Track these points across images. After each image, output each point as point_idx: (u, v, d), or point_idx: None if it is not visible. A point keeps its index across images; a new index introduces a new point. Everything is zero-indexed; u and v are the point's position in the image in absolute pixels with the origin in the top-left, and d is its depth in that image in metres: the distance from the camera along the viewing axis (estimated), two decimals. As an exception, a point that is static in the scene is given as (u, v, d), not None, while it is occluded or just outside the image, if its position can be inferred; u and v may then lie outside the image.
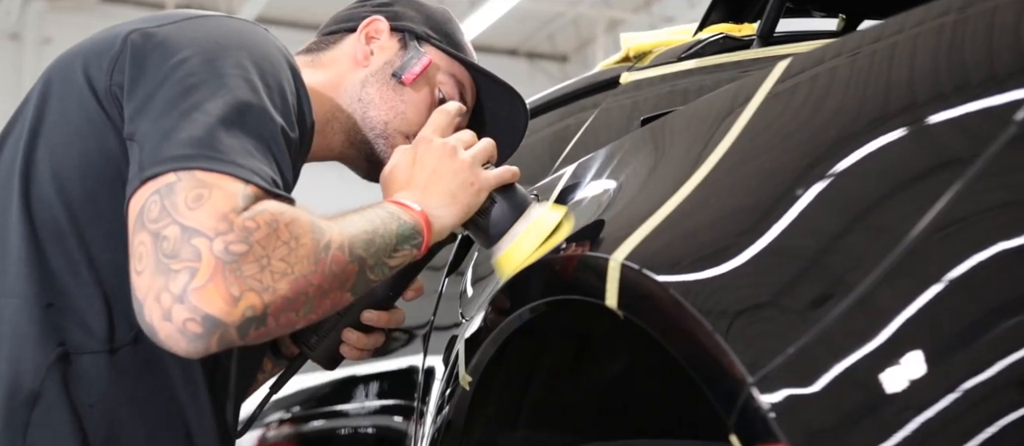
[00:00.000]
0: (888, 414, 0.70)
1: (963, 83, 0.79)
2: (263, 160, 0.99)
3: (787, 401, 0.75)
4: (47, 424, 1.01)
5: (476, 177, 1.16)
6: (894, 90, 0.84)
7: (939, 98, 0.80)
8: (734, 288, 0.84)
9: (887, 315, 0.72)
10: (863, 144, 0.82)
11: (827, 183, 0.83)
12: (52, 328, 1.02)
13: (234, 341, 0.92)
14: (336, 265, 0.98)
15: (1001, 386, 0.67)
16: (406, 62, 1.29)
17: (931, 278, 0.72)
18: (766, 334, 0.79)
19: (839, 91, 0.89)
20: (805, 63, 0.95)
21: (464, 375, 1.19)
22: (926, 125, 0.79)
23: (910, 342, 0.72)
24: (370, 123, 1.28)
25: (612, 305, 0.93)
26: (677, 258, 0.91)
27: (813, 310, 0.77)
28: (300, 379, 1.73)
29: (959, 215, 0.73)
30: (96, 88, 1.04)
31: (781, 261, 0.82)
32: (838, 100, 0.88)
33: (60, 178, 1.04)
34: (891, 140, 0.81)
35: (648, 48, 1.62)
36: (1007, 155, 0.72)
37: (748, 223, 0.87)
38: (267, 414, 1.95)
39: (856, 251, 0.77)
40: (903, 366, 0.71)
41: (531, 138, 1.82)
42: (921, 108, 0.80)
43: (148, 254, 0.91)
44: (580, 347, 1.22)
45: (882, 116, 0.83)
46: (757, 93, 0.96)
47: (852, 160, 0.83)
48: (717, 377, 0.80)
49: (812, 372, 0.74)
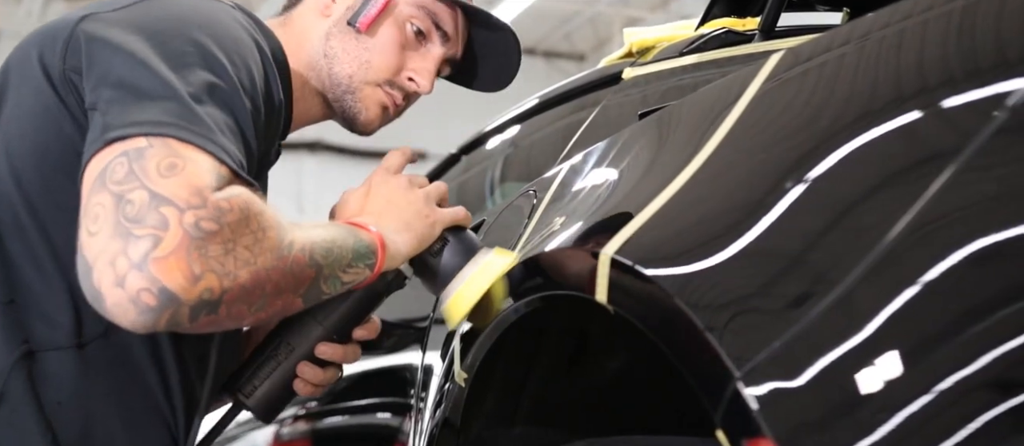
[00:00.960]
0: (874, 409, 0.70)
1: (950, 76, 0.78)
2: (233, 141, 0.96)
3: (774, 396, 0.74)
4: (12, 424, 0.98)
5: (431, 210, 1.15)
6: (881, 85, 0.83)
7: (925, 92, 0.79)
8: (723, 283, 0.83)
9: (875, 311, 0.72)
10: (851, 140, 0.82)
11: (816, 179, 0.83)
12: (14, 325, 0.99)
13: (182, 323, 0.88)
14: (296, 265, 0.96)
15: (983, 382, 0.66)
16: (361, 7, 1.21)
17: (919, 274, 0.71)
18: (754, 329, 0.78)
19: (828, 86, 0.88)
20: (796, 58, 0.94)
21: (459, 372, 1.19)
22: (913, 120, 0.79)
23: (899, 338, 0.71)
24: (336, 79, 1.22)
25: (602, 300, 0.93)
26: (666, 253, 0.90)
27: (801, 305, 0.77)
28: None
29: (946, 211, 0.72)
30: (51, 74, 1.00)
31: (770, 256, 0.82)
32: (827, 95, 0.87)
33: (17, 170, 1.00)
34: (878, 136, 0.80)
35: (651, 43, 1.61)
36: (992, 148, 0.71)
37: (737, 218, 0.86)
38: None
39: (844, 247, 0.77)
40: (890, 362, 0.71)
41: (536, 135, 1.81)
42: (908, 103, 0.79)
43: (107, 215, 0.86)
44: (578, 343, 1.22)
45: (869, 112, 0.82)
46: (748, 88, 0.96)
47: (841, 156, 0.82)
48: (704, 372, 0.80)
49: (799, 367, 0.74)
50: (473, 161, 1.95)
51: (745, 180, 0.89)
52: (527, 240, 1.20)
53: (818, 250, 0.79)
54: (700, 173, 0.93)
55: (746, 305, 0.81)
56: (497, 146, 1.88)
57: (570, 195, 1.19)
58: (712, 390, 0.78)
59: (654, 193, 0.96)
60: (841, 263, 0.76)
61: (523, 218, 1.28)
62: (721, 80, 1.07)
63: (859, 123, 0.82)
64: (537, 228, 1.19)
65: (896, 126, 0.79)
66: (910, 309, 0.71)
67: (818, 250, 0.79)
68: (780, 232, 0.82)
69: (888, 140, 0.79)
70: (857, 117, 0.82)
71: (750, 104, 0.94)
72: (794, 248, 0.80)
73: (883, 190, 0.78)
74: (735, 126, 0.94)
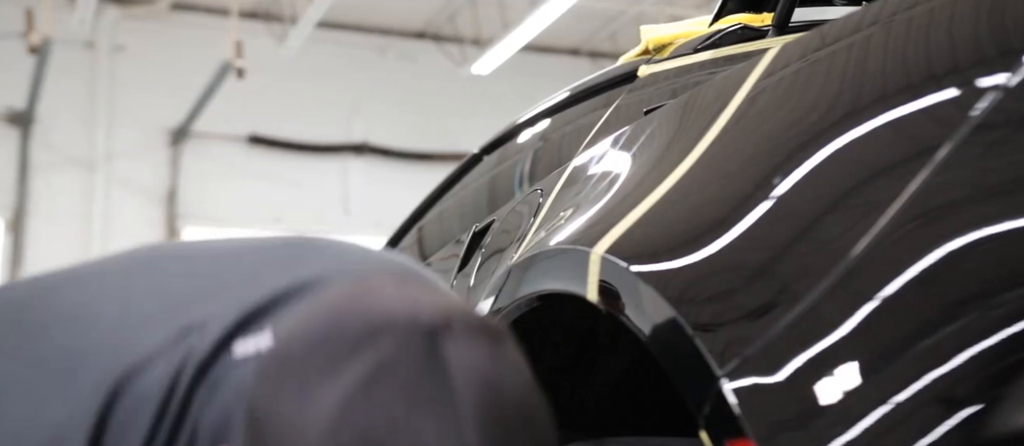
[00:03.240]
0: (857, 411, 0.68)
1: (934, 74, 0.76)
2: None
3: (757, 397, 0.73)
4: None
5: None
6: (868, 83, 0.82)
7: (909, 90, 0.77)
8: (710, 284, 0.82)
9: (861, 312, 0.70)
10: (838, 138, 0.80)
11: (804, 178, 0.81)
12: None
13: None
14: None
15: (966, 377, 0.64)
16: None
17: (903, 274, 0.70)
18: (739, 330, 0.77)
19: (818, 84, 0.87)
20: (790, 55, 0.93)
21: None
22: (896, 118, 0.77)
23: (882, 338, 0.69)
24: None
25: (593, 299, 0.92)
26: (656, 252, 0.89)
27: (785, 306, 0.75)
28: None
29: (931, 209, 0.70)
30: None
31: (756, 256, 0.80)
32: (816, 94, 0.86)
33: None
34: (865, 134, 0.78)
35: (668, 40, 1.59)
36: (974, 142, 0.69)
37: (726, 218, 0.85)
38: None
39: (831, 247, 0.75)
40: (876, 363, 0.69)
41: (554, 134, 1.80)
42: (893, 101, 0.78)
43: None
44: (582, 343, 1.21)
45: (856, 110, 0.80)
46: (742, 87, 0.94)
47: (828, 155, 0.81)
48: (688, 371, 0.78)
49: (783, 368, 0.72)
50: (496, 161, 1.95)
51: (735, 179, 0.88)
52: (532, 238, 1.19)
53: (804, 250, 0.77)
54: (693, 171, 0.92)
55: (732, 305, 0.80)
56: (518, 146, 1.87)
57: (573, 194, 1.18)
58: (695, 390, 0.77)
59: (647, 192, 0.95)
60: (826, 264, 0.74)
61: (529, 217, 1.28)
62: (718, 77, 1.05)
63: (846, 121, 0.80)
64: (541, 226, 1.19)
65: (881, 124, 0.77)
66: (893, 310, 0.69)
67: (804, 250, 0.77)
68: (767, 232, 0.81)
69: (874, 139, 0.78)
70: (844, 115, 0.81)
71: (742, 103, 0.93)
72: (781, 247, 0.79)
73: (871, 189, 0.76)
74: (728, 124, 0.92)
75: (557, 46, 11.09)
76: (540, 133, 1.79)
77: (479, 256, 1.49)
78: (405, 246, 2.23)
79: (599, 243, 0.92)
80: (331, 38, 10.39)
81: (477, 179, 1.97)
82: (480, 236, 1.54)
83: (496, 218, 1.53)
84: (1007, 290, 0.65)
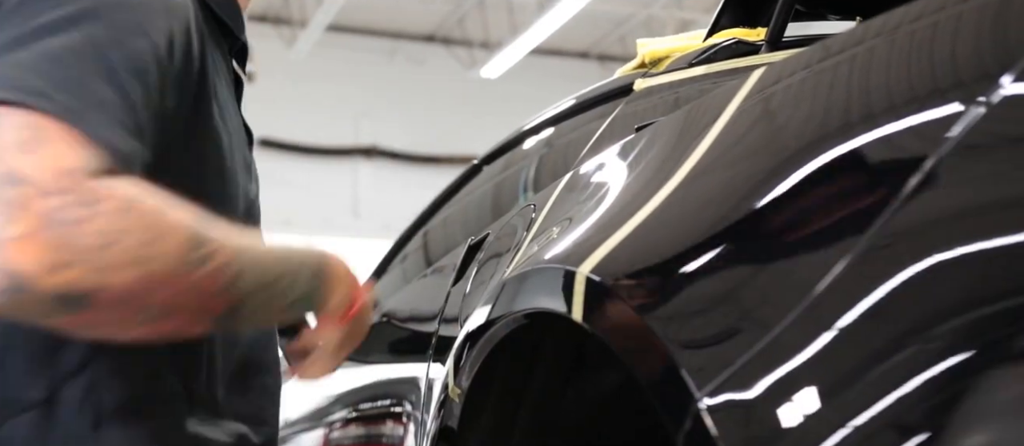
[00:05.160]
0: (835, 432, 0.69)
1: (917, 95, 0.77)
2: (120, 126, 0.82)
3: (735, 418, 0.73)
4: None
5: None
6: (854, 101, 0.82)
7: (891, 110, 0.78)
8: (692, 304, 0.83)
9: (843, 334, 0.71)
10: (821, 159, 0.81)
11: (787, 199, 0.82)
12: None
13: (37, 316, 0.78)
14: (208, 284, 0.83)
15: (952, 394, 0.65)
16: None
17: (884, 295, 0.70)
18: (719, 350, 0.78)
19: (804, 104, 0.87)
20: (778, 74, 0.94)
21: (453, 386, 1.20)
22: (881, 136, 0.77)
23: (864, 358, 0.70)
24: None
25: (578, 319, 0.92)
26: (640, 272, 0.90)
27: (767, 327, 0.76)
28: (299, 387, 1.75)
29: (914, 224, 0.71)
30: None
31: (737, 277, 0.81)
32: (801, 114, 0.87)
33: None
34: (847, 151, 0.79)
35: (664, 54, 1.60)
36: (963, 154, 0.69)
37: (709, 239, 0.85)
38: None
39: (812, 269, 0.76)
40: (856, 384, 0.70)
41: (552, 146, 1.81)
42: (879, 119, 0.78)
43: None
44: (576, 358, 1.22)
45: (841, 127, 0.81)
46: (729, 105, 0.95)
47: (811, 173, 0.81)
48: (668, 393, 0.79)
49: (762, 390, 0.73)
50: (495, 171, 1.96)
51: (719, 199, 0.88)
52: (523, 253, 1.20)
53: (785, 273, 0.78)
54: (678, 190, 0.93)
55: (713, 326, 0.80)
56: (517, 156, 1.88)
57: (565, 208, 1.19)
58: (674, 411, 0.77)
59: (634, 210, 0.95)
60: (807, 286, 0.75)
61: (523, 231, 1.29)
62: (706, 96, 1.06)
63: (829, 143, 0.81)
64: (532, 243, 1.20)
65: (862, 143, 0.78)
66: (875, 332, 0.70)
67: (785, 273, 0.78)
68: (750, 252, 0.81)
69: (857, 156, 0.78)
70: (827, 137, 0.82)
71: (729, 122, 0.94)
72: (762, 269, 0.80)
73: (853, 210, 0.77)
74: (713, 145, 0.93)
75: (566, 49, 11.10)
76: (539, 144, 1.80)
77: (474, 268, 1.50)
78: (407, 253, 2.24)
79: (585, 262, 0.93)
80: (340, 42, 10.42)
81: (476, 190, 1.98)
82: (475, 249, 1.55)
83: (491, 231, 1.54)
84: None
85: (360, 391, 1.76)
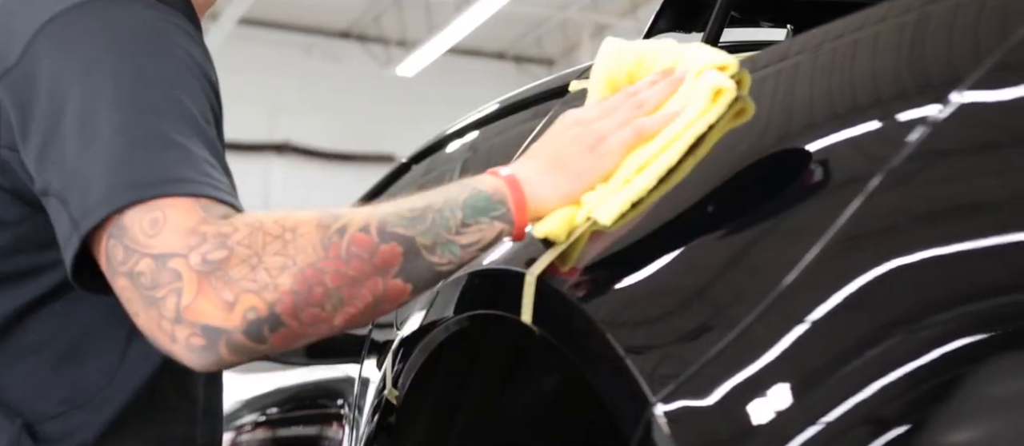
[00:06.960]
0: (791, 435, 0.69)
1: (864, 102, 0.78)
2: (200, 165, 0.91)
3: (689, 422, 0.73)
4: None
5: (596, 139, 0.96)
6: (797, 108, 0.83)
7: (837, 118, 0.79)
8: (645, 307, 0.82)
9: (795, 335, 0.71)
10: (772, 164, 0.81)
11: (740, 203, 0.82)
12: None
13: (247, 346, 0.85)
14: (359, 248, 0.87)
15: (914, 398, 0.65)
16: None
17: (835, 297, 0.71)
18: (673, 354, 0.78)
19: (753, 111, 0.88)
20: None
21: (390, 388, 1.18)
22: (831, 145, 0.78)
23: (817, 362, 0.70)
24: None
25: (527, 321, 0.91)
26: (591, 275, 0.89)
27: (720, 331, 0.76)
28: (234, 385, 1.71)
29: (866, 231, 0.72)
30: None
31: (691, 281, 0.81)
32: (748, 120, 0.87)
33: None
34: (798, 160, 0.80)
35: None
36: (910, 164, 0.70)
37: (661, 241, 0.85)
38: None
39: (765, 272, 0.76)
40: (808, 386, 0.70)
41: (484, 145, 1.80)
42: (826, 126, 0.79)
43: (134, 295, 0.87)
44: (513, 361, 1.21)
45: (788, 136, 0.82)
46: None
47: (763, 180, 0.82)
48: (621, 396, 0.79)
49: (717, 393, 0.73)
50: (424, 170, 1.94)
51: (670, 202, 0.88)
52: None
53: (738, 275, 0.78)
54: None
55: (667, 329, 0.80)
56: (447, 156, 1.86)
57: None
58: (627, 414, 0.77)
59: (582, 213, 0.95)
60: (761, 288, 0.75)
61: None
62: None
63: (780, 147, 0.82)
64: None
65: (816, 150, 0.79)
66: (825, 333, 0.70)
67: (738, 275, 0.78)
68: (703, 254, 0.81)
69: (809, 165, 0.79)
70: (778, 141, 0.82)
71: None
72: (716, 270, 0.80)
73: (805, 215, 0.77)
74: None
75: (483, 50, 11.10)
76: (470, 143, 1.78)
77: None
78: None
79: (534, 265, 0.92)
80: (254, 35, 10.25)
81: (404, 188, 1.95)
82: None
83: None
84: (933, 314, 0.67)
85: (286, 391, 1.72)
